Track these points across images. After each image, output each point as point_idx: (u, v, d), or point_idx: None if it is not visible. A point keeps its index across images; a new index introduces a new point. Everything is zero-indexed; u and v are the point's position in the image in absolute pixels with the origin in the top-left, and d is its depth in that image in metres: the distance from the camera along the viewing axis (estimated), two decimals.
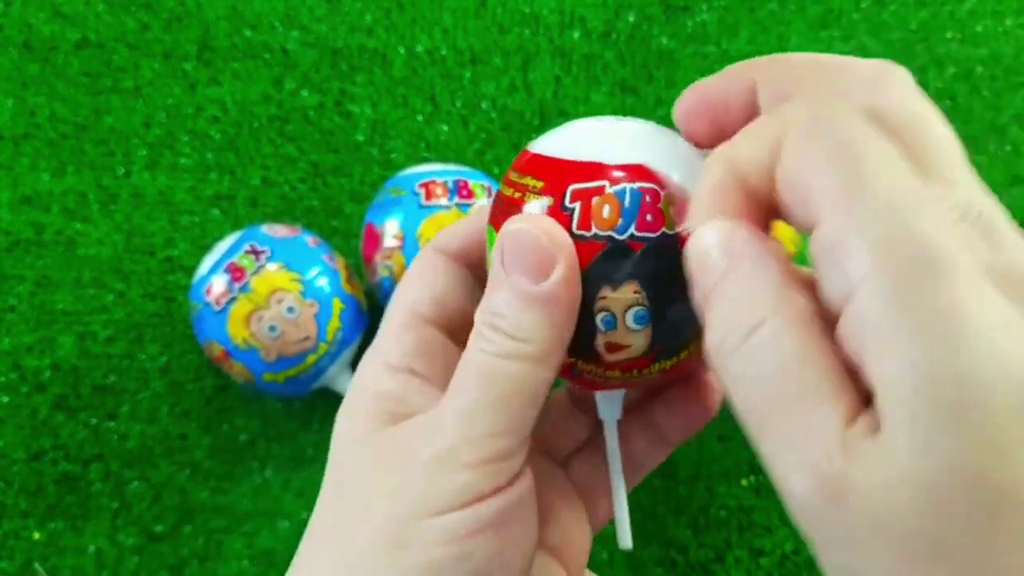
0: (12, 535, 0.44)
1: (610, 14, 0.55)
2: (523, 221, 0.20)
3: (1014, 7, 0.54)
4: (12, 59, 0.53)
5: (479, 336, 0.21)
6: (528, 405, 0.20)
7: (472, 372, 0.21)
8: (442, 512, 0.19)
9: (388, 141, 0.52)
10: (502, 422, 0.20)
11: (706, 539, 0.44)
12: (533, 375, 0.20)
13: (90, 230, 0.50)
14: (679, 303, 0.20)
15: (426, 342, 0.24)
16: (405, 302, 0.24)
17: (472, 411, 0.20)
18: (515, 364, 0.20)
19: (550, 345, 0.20)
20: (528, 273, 0.20)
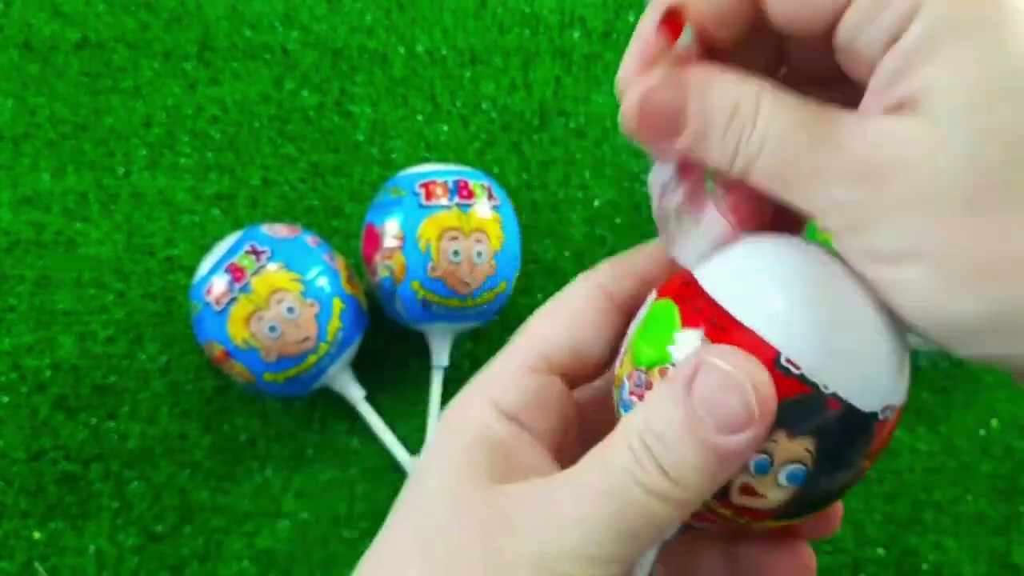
0: (12, 535, 0.44)
1: (610, 14, 0.55)
2: (736, 362, 0.18)
3: None
4: (12, 59, 0.53)
5: (630, 451, 0.19)
6: (652, 541, 0.19)
7: (612, 490, 0.19)
8: None
9: (388, 141, 0.52)
10: (620, 551, 0.19)
11: None
12: (670, 518, 0.19)
13: (90, 230, 0.50)
14: (836, 476, 0.19)
15: (546, 394, 0.22)
16: (541, 340, 0.22)
17: (597, 531, 0.18)
18: (658, 504, 0.18)
19: (702, 495, 0.18)
20: (718, 420, 0.18)
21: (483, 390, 0.22)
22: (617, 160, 0.52)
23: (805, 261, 0.19)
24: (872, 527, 0.44)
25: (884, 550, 0.44)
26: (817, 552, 0.45)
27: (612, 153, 0.52)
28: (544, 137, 0.52)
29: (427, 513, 0.20)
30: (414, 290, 0.43)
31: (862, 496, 0.44)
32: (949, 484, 0.45)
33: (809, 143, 0.18)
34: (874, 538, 0.44)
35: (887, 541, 0.44)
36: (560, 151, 0.52)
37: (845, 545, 0.44)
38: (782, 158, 0.18)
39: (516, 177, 0.51)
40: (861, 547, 0.44)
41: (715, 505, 0.20)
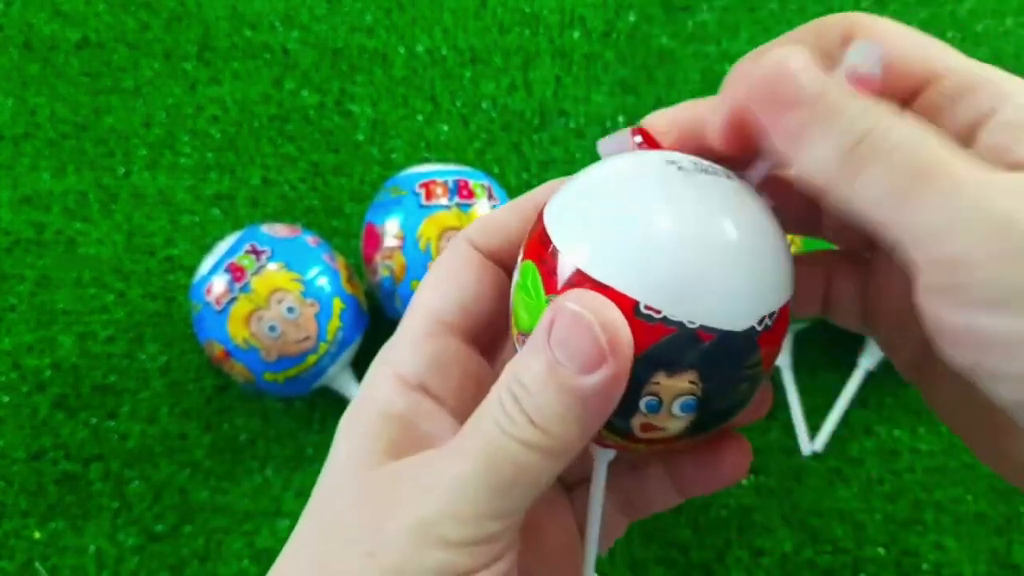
0: (12, 534, 0.44)
1: (610, 14, 0.55)
2: (584, 302, 0.18)
3: (1014, 7, 0.54)
4: (12, 59, 0.53)
5: (500, 404, 0.19)
6: (528, 494, 0.19)
7: (480, 444, 0.19)
8: None
9: (388, 141, 0.52)
10: (498, 506, 0.19)
11: (706, 539, 0.44)
12: (542, 468, 0.19)
13: (90, 230, 0.50)
14: (729, 394, 0.20)
15: (445, 354, 0.22)
16: (430, 304, 0.22)
17: (468, 487, 0.19)
18: (527, 453, 0.18)
19: (571, 443, 0.19)
20: (572, 360, 0.18)
21: (385, 363, 0.22)
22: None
23: (648, 186, 0.19)
24: (872, 527, 0.44)
25: (884, 550, 0.44)
26: (817, 552, 0.45)
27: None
28: (544, 137, 0.52)
29: (326, 499, 0.21)
30: (414, 290, 0.43)
31: (862, 496, 0.44)
32: (949, 484, 0.45)
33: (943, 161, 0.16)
34: (874, 538, 0.44)
35: (887, 541, 0.44)
36: (560, 151, 0.52)
37: (845, 545, 0.44)
38: (911, 168, 0.16)
39: (516, 177, 0.51)
40: (861, 547, 0.44)
41: (625, 443, 0.20)
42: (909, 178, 0.16)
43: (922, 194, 0.16)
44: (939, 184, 0.16)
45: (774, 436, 0.46)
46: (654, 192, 0.19)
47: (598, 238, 0.19)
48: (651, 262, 0.18)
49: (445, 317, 0.22)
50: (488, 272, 0.22)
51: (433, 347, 0.22)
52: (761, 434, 0.46)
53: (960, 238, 0.15)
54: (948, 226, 0.16)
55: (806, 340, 0.46)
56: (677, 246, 0.18)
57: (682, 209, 0.19)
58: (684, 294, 0.18)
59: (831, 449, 0.45)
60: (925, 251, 0.16)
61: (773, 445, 0.46)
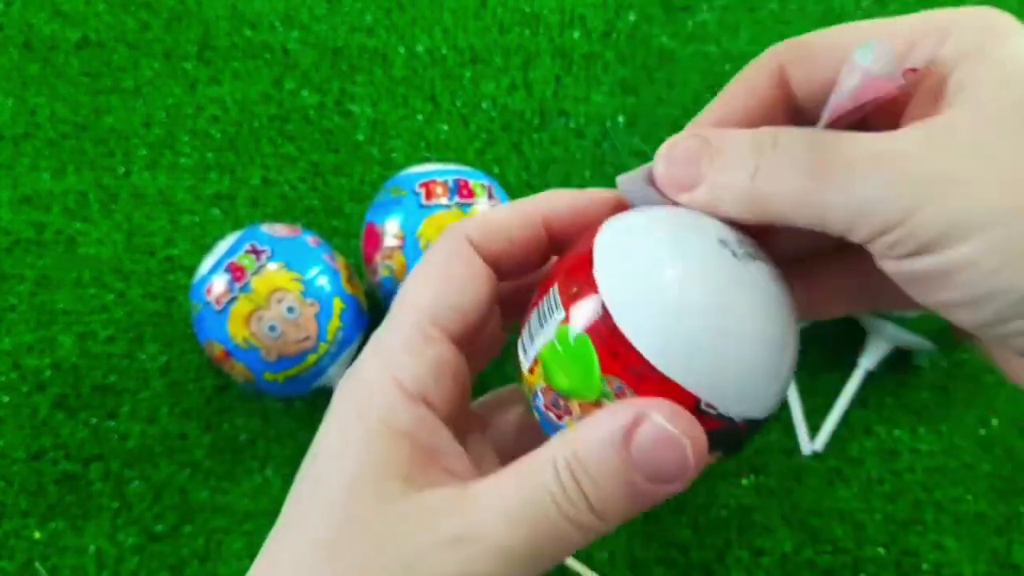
0: (13, 534, 0.44)
1: (610, 14, 0.55)
2: (675, 421, 0.18)
3: (1015, 7, 0.54)
4: (12, 59, 0.53)
5: (556, 479, 0.19)
6: (554, 564, 0.19)
7: (529, 513, 0.19)
8: None
9: (388, 141, 0.52)
10: (529, 570, 0.19)
11: (706, 539, 0.44)
12: (580, 545, 0.19)
13: (90, 230, 0.50)
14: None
15: (442, 362, 0.21)
16: (425, 304, 0.22)
17: (511, 557, 0.19)
18: (575, 533, 0.19)
19: (611, 528, 0.19)
20: (652, 473, 0.19)
21: (383, 365, 0.21)
22: (617, 159, 0.52)
23: (711, 276, 0.20)
24: (872, 527, 0.44)
25: (884, 550, 0.44)
26: (817, 552, 0.45)
27: (612, 152, 0.52)
28: (544, 137, 0.52)
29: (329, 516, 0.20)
30: None
31: (862, 496, 0.44)
32: (949, 484, 0.45)
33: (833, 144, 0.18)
34: (874, 538, 0.44)
35: (887, 541, 0.44)
36: (560, 151, 0.52)
37: (845, 545, 0.44)
38: (807, 162, 0.18)
39: (516, 177, 0.51)
40: (861, 547, 0.44)
41: None
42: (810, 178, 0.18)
43: (826, 185, 0.18)
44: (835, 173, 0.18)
45: (774, 436, 0.46)
46: (717, 284, 0.20)
47: (666, 330, 0.19)
48: (716, 364, 0.19)
49: (441, 321, 0.21)
50: (485, 276, 0.22)
51: (433, 355, 0.21)
52: (761, 434, 0.46)
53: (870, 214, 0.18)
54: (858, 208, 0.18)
55: (806, 340, 0.46)
56: (738, 350, 0.19)
57: (741, 311, 0.20)
58: (739, 396, 0.20)
59: (831, 449, 0.45)
60: (857, 231, 0.18)
61: (773, 445, 0.46)
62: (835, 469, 0.45)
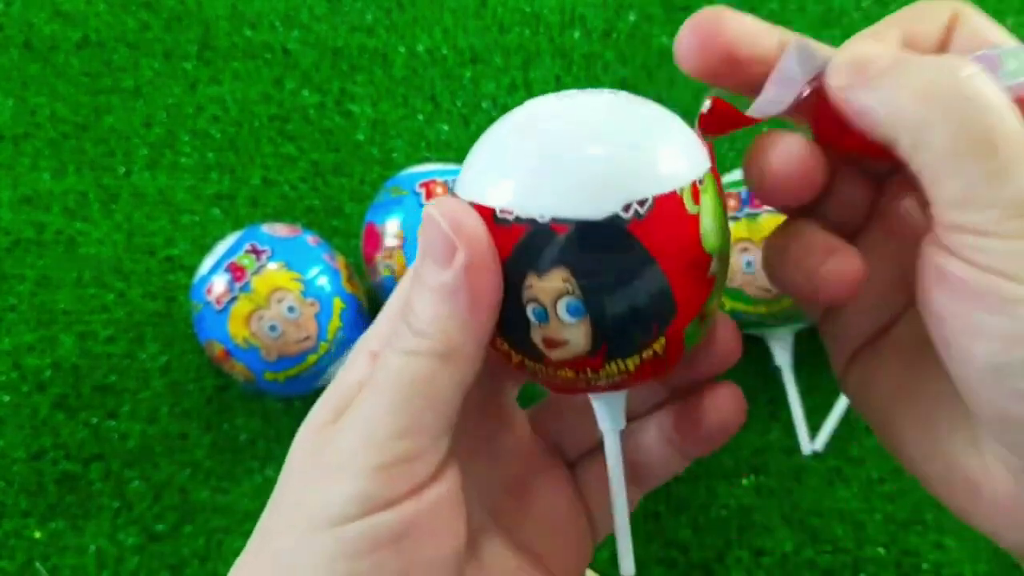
0: (13, 534, 0.44)
1: (610, 13, 0.55)
2: (433, 204, 0.19)
3: (1015, 6, 0.54)
4: (13, 59, 0.53)
5: (392, 331, 0.20)
6: (432, 405, 0.19)
7: (380, 369, 0.19)
8: (338, 523, 0.18)
9: (389, 140, 0.52)
10: (403, 423, 0.18)
11: (706, 539, 0.44)
12: (435, 373, 0.19)
13: (90, 230, 0.50)
14: (618, 293, 0.19)
15: None
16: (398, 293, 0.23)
17: (374, 412, 0.19)
18: (416, 361, 0.19)
19: (455, 341, 0.19)
20: (430, 261, 0.19)
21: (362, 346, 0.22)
22: None
23: (532, 113, 0.20)
24: (872, 527, 0.44)
25: (884, 550, 0.44)
26: (817, 552, 0.45)
27: None
28: None
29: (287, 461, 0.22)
30: None
31: (862, 496, 0.44)
32: None
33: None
34: (874, 538, 0.44)
35: (887, 541, 0.44)
36: None
37: (845, 545, 0.44)
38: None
39: None
40: (861, 547, 0.44)
41: (551, 371, 0.20)
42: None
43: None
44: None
45: (774, 436, 0.46)
46: (530, 113, 0.20)
47: (473, 167, 0.20)
48: (500, 168, 0.19)
49: None
50: None
51: None
52: (761, 434, 0.46)
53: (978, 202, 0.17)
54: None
55: (806, 340, 0.46)
56: (521, 146, 0.19)
57: (543, 121, 0.19)
58: (531, 191, 0.18)
59: (831, 449, 0.45)
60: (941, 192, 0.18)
61: (773, 445, 0.46)
62: (835, 469, 0.45)
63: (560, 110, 0.20)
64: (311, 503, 0.19)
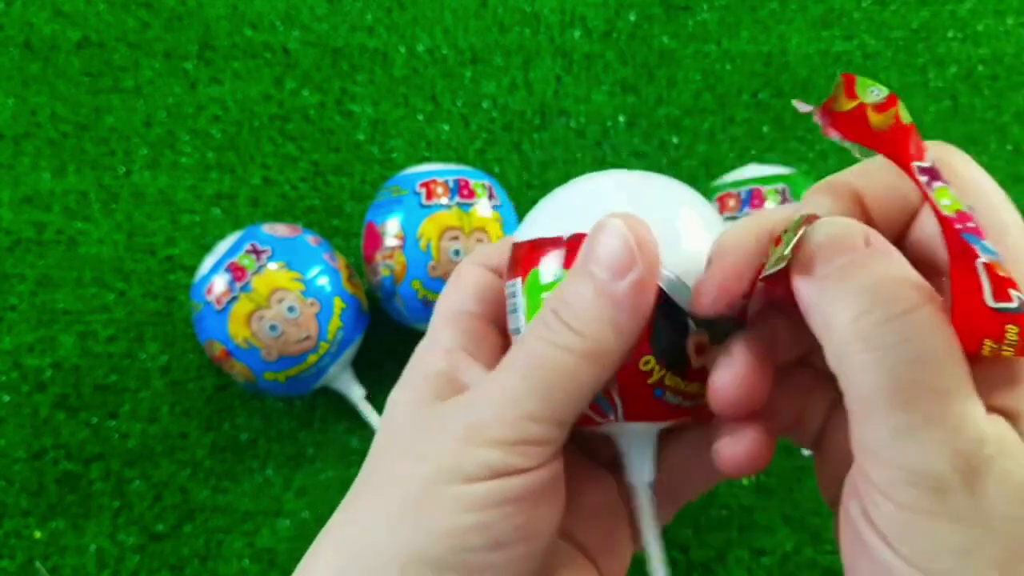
0: (13, 534, 0.44)
1: (611, 13, 0.55)
2: (619, 216, 0.21)
3: (1015, 6, 0.54)
4: (13, 58, 0.53)
5: (540, 321, 0.21)
6: (570, 399, 0.20)
7: (522, 353, 0.21)
8: (469, 481, 0.20)
9: (389, 140, 0.52)
10: (540, 409, 0.20)
11: (707, 538, 0.44)
12: (580, 370, 0.20)
13: (91, 229, 0.50)
14: None
15: (476, 329, 0.24)
16: (449, 304, 0.25)
17: (513, 391, 0.20)
18: (565, 355, 0.20)
19: (606, 345, 0.20)
20: (606, 269, 0.20)
21: (426, 345, 0.24)
22: (617, 160, 0.52)
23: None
24: None
25: None
26: (818, 552, 0.45)
27: (612, 153, 0.52)
28: (545, 137, 0.52)
29: (385, 436, 0.23)
30: (415, 289, 0.43)
31: None
32: None
33: (949, 383, 0.17)
34: None
35: None
36: (561, 151, 0.52)
37: None
38: (916, 374, 0.17)
39: (517, 177, 0.51)
40: None
41: (684, 385, 0.22)
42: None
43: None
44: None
45: None
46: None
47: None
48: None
49: (466, 307, 0.24)
50: (491, 277, 0.25)
51: (464, 325, 0.24)
52: None
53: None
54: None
55: None
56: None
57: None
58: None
59: None
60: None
61: None
62: None
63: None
64: (439, 461, 0.20)
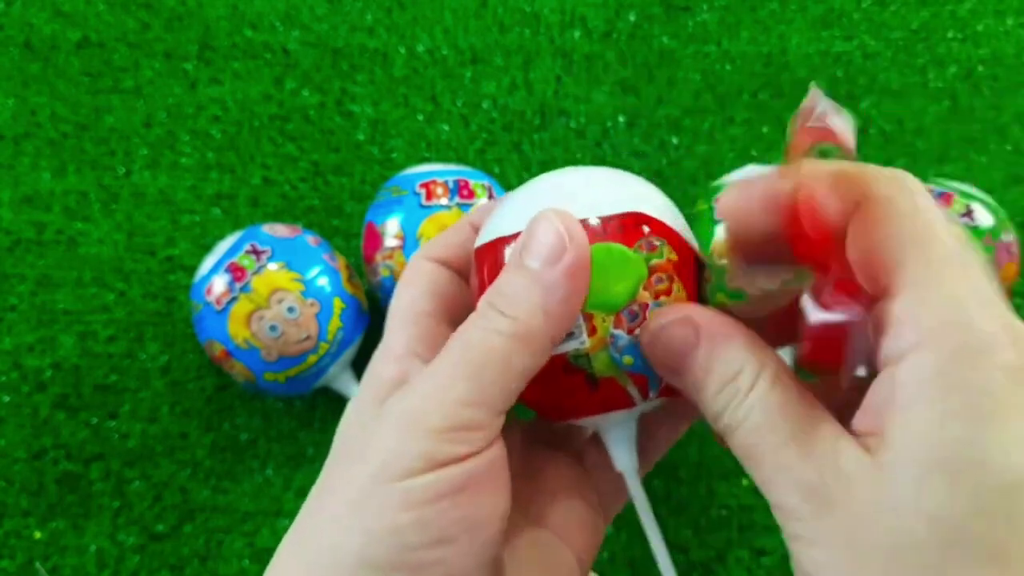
0: (13, 534, 0.44)
1: (611, 13, 0.55)
2: (551, 210, 0.22)
3: (1015, 6, 0.54)
4: (13, 59, 0.53)
5: (475, 313, 0.22)
6: (502, 381, 0.21)
7: (455, 343, 0.21)
8: (404, 476, 0.20)
9: (389, 140, 0.52)
10: (473, 393, 0.20)
11: (707, 538, 0.44)
12: (510, 351, 0.21)
13: (91, 229, 0.50)
14: None
15: (428, 331, 0.24)
16: (402, 304, 0.25)
17: (445, 378, 0.21)
18: (496, 338, 0.21)
19: (536, 327, 0.21)
20: (537, 257, 0.21)
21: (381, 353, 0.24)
22: (618, 160, 0.52)
23: None
24: None
25: None
26: None
27: (612, 153, 0.52)
28: (545, 137, 0.52)
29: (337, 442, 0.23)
30: None
31: None
32: None
33: (785, 438, 0.19)
34: None
35: None
36: (561, 151, 0.52)
37: None
38: (757, 440, 0.19)
39: (517, 177, 0.51)
40: None
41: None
42: (754, 459, 0.20)
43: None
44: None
45: None
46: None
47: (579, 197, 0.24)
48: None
49: (418, 306, 0.25)
50: (444, 271, 0.26)
51: (416, 328, 0.24)
52: None
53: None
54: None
55: None
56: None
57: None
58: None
59: None
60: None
61: None
62: None
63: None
64: (377, 458, 0.20)
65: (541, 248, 0.21)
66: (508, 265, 0.22)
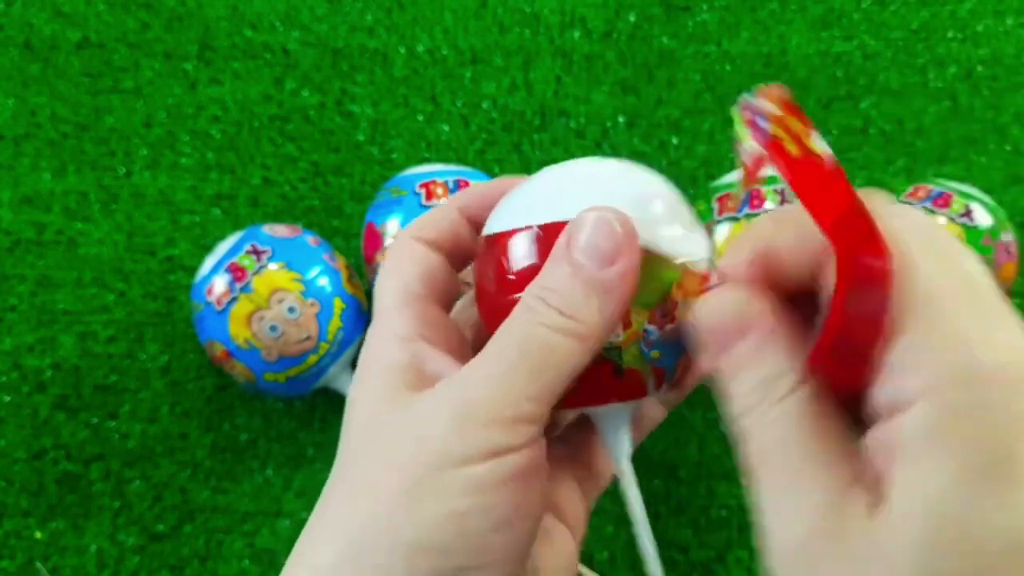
0: (13, 534, 0.44)
1: (611, 14, 0.55)
2: (606, 210, 0.22)
3: (1015, 6, 0.54)
4: (13, 59, 0.53)
5: (526, 308, 0.22)
6: (560, 379, 0.21)
7: (514, 338, 0.21)
8: (466, 463, 0.20)
9: (389, 141, 0.52)
10: (534, 388, 0.21)
11: (707, 539, 0.44)
12: (572, 352, 0.21)
13: (91, 230, 0.50)
14: None
15: (428, 313, 0.24)
16: (393, 285, 0.25)
17: (508, 374, 0.21)
18: (559, 338, 0.21)
19: (595, 328, 0.21)
20: (592, 258, 0.21)
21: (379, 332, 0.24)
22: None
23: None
24: None
25: None
26: None
27: (612, 153, 0.52)
28: (545, 137, 0.52)
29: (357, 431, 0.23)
30: None
31: None
32: None
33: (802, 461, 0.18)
34: None
35: None
36: (561, 151, 0.52)
37: None
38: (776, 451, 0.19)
39: None
40: None
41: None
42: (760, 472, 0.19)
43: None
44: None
45: None
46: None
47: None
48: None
49: (412, 288, 0.25)
50: (432, 253, 0.26)
51: (415, 309, 0.24)
52: None
53: None
54: None
55: None
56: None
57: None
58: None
59: None
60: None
61: None
62: None
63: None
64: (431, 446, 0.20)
65: (596, 248, 0.21)
66: (558, 260, 0.22)
